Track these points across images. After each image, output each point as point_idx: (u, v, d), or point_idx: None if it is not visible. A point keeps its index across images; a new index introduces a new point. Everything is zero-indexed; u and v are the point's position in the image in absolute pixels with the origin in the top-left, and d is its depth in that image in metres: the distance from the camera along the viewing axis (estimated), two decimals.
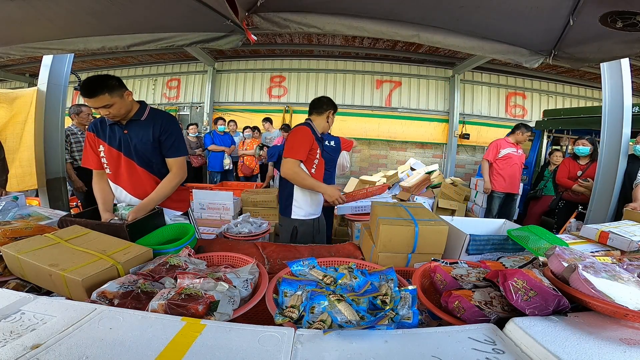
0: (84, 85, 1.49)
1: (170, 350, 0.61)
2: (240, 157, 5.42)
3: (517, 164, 3.78)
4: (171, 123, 1.72)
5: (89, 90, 1.47)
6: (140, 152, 1.67)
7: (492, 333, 0.70)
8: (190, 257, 1.12)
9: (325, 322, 0.74)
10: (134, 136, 1.65)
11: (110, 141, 1.65)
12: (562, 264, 0.84)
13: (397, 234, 1.28)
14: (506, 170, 3.78)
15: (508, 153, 3.77)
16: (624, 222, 1.61)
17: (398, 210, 1.48)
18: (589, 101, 7.32)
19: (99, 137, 1.67)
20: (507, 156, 3.77)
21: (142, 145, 1.66)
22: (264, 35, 6.16)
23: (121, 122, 1.64)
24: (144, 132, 1.65)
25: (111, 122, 1.64)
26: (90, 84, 1.48)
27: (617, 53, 1.66)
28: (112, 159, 1.67)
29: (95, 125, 1.68)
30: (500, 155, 3.80)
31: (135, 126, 1.66)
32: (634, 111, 2.69)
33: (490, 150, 3.88)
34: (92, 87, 1.47)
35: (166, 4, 1.65)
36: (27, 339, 0.62)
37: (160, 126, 1.67)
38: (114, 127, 1.65)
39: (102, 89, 1.48)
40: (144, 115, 1.67)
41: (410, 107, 7.27)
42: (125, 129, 1.64)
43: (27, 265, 0.96)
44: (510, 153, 3.77)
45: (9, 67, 7.88)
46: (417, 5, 1.67)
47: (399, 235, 1.28)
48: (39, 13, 1.62)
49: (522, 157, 3.84)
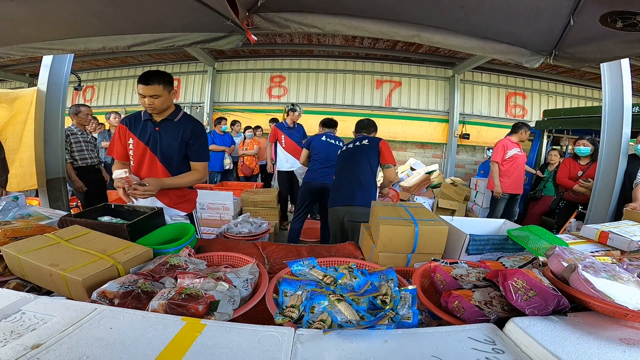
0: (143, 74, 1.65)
1: (171, 350, 0.62)
2: (240, 157, 5.42)
3: (521, 165, 3.76)
4: (201, 129, 1.83)
5: (145, 78, 1.62)
6: (165, 150, 1.76)
7: (492, 333, 0.70)
8: (190, 257, 1.12)
9: (325, 321, 0.74)
10: (164, 134, 1.76)
11: (140, 135, 1.76)
12: (562, 264, 0.84)
13: (397, 234, 1.28)
14: (512, 171, 3.73)
15: (514, 154, 3.72)
16: (624, 222, 1.61)
17: (398, 210, 1.48)
18: (589, 101, 7.32)
19: (131, 131, 1.77)
20: (514, 157, 3.72)
21: (169, 144, 1.76)
22: (264, 35, 6.16)
23: (155, 119, 1.76)
24: (174, 132, 1.76)
25: (146, 118, 1.76)
26: (149, 72, 1.64)
27: (617, 53, 1.66)
28: (138, 152, 1.77)
29: (130, 119, 1.80)
30: (507, 156, 3.73)
31: (167, 125, 1.77)
32: (634, 111, 2.69)
33: (498, 152, 3.77)
34: (149, 75, 1.63)
35: (166, 4, 1.65)
36: (28, 339, 0.62)
37: (190, 131, 1.77)
38: (148, 122, 1.76)
39: (157, 80, 1.63)
40: (177, 117, 1.79)
41: (410, 107, 7.27)
42: (158, 127, 1.75)
43: (27, 265, 0.96)
44: (516, 153, 3.72)
45: (9, 67, 7.88)
46: (417, 5, 1.67)
47: (399, 235, 1.28)
48: (39, 13, 1.62)
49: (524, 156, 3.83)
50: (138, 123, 1.78)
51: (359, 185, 2.33)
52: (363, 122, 2.77)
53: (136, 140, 1.76)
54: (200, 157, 1.82)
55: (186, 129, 1.76)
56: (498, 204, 3.86)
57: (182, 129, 1.76)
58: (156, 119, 1.76)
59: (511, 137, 3.82)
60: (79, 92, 7.14)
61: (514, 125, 3.84)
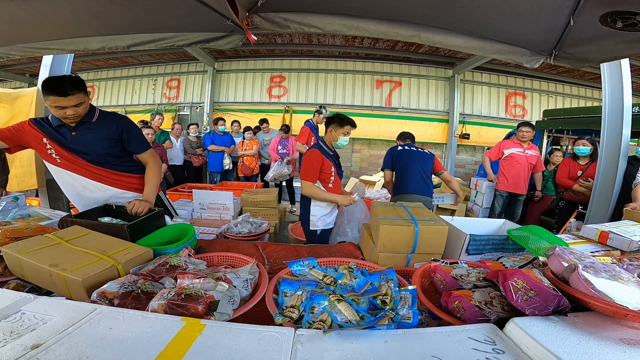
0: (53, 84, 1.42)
1: (170, 350, 0.62)
2: (240, 157, 5.43)
3: (522, 164, 3.75)
4: (126, 121, 1.74)
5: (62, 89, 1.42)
6: (92, 152, 1.65)
7: (492, 333, 0.70)
8: (190, 258, 1.12)
9: (325, 322, 0.74)
10: (84, 138, 1.62)
11: (60, 143, 1.61)
12: (562, 264, 0.84)
13: (397, 234, 1.28)
14: (509, 169, 3.78)
15: (512, 153, 3.77)
16: (624, 222, 1.61)
17: (398, 210, 1.48)
18: (589, 101, 7.33)
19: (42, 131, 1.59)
20: (510, 156, 3.78)
21: (94, 145, 1.64)
22: (264, 35, 6.16)
23: (69, 124, 1.59)
24: (96, 133, 1.64)
25: (58, 124, 1.58)
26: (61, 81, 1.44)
27: (617, 53, 1.66)
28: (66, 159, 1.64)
29: (40, 122, 1.60)
30: (504, 156, 3.83)
31: (85, 128, 1.62)
32: (634, 111, 2.68)
33: (494, 149, 3.99)
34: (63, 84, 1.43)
35: (166, 4, 1.65)
36: (27, 339, 0.62)
37: (116, 126, 1.67)
38: (62, 128, 1.60)
39: (77, 87, 1.47)
40: (94, 117, 1.65)
41: (410, 107, 7.27)
42: (74, 131, 1.60)
43: (27, 266, 0.96)
44: (514, 153, 3.77)
45: (9, 67, 7.89)
46: (417, 5, 1.67)
47: (399, 235, 1.28)
48: (39, 13, 1.62)
49: (531, 157, 3.76)
50: (49, 129, 1.59)
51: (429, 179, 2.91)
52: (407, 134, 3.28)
53: (57, 147, 1.60)
54: (143, 147, 1.77)
55: (110, 126, 1.66)
56: (495, 201, 3.94)
57: (106, 128, 1.66)
58: (70, 124, 1.59)
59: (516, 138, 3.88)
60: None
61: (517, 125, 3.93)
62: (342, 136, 2.19)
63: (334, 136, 2.20)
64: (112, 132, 1.67)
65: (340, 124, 2.18)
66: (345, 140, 2.22)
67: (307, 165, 2.14)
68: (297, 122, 7.01)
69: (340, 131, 2.18)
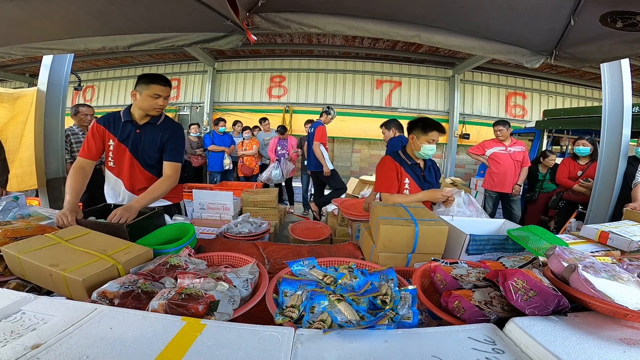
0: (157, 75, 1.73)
1: (171, 349, 0.62)
2: (240, 157, 5.43)
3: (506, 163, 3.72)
4: (179, 133, 1.86)
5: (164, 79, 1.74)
6: (145, 153, 1.79)
7: (492, 333, 0.70)
8: (190, 257, 1.12)
9: (325, 321, 0.74)
10: (145, 137, 1.78)
11: (120, 137, 1.76)
12: (562, 264, 0.84)
13: (397, 234, 1.28)
14: (494, 169, 3.80)
15: (494, 152, 3.80)
16: (624, 222, 1.61)
17: (398, 210, 1.48)
18: (589, 101, 7.33)
19: (110, 132, 1.76)
20: (493, 155, 3.81)
21: (149, 147, 1.79)
22: (264, 35, 6.16)
23: (137, 121, 1.77)
24: (155, 136, 1.79)
25: (127, 119, 1.76)
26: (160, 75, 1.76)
27: (617, 53, 1.66)
28: (118, 154, 1.78)
29: (108, 120, 1.77)
30: (487, 155, 3.87)
31: (148, 129, 1.79)
32: (634, 111, 2.69)
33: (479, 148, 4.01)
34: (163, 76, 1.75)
35: (166, 4, 1.65)
36: (28, 339, 0.62)
37: (169, 133, 1.81)
38: (128, 124, 1.76)
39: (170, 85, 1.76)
40: (159, 121, 1.81)
41: (410, 107, 7.27)
42: (139, 129, 1.77)
43: (27, 265, 0.96)
44: (496, 152, 3.79)
45: (9, 67, 7.89)
46: (417, 5, 1.67)
47: (399, 235, 1.28)
48: (39, 13, 1.62)
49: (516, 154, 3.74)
50: (117, 124, 1.76)
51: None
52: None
53: (116, 142, 1.75)
54: (173, 157, 1.81)
55: (165, 132, 1.80)
56: (485, 201, 3.94)
57: (162, 132, 1.79)
58: (138, 121, 1.76)
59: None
60: (79, 92, 7.14)
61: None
62: (427, 144, 1.88)
63: (416, 145, 1.90)
64: (165, 138, 1.80)
65: (424, 130, 1.87)
66: (430, 149, 1.89)
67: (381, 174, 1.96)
68: (298, 122, 7.02)
69: (424, 139, 1.88)
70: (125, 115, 1.76)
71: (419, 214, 1.42)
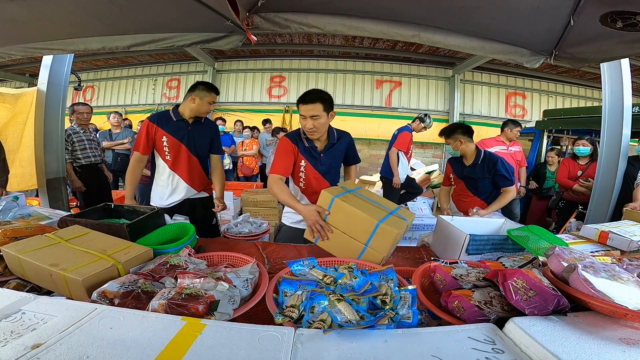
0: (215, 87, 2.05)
1: (171, 349, 0.62)
2: (240, 157, 5.42)
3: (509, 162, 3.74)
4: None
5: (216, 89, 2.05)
6: (198, 147, 2.07)
7: (491, 333, 0.70)
8: (190, 257, 1.12)
9: (325, 321, 0.74)
10: (196, 133, 2.06)
11: (174, 134, 1.98)
12: (561, 263, 0.84)
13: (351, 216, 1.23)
14: None
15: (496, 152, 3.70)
16: (624, 222, 1.61)
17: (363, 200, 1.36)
18: (589, 101, 7.32)
19: (163, 129, 1.96)
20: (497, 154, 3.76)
21: (201, 142, 2.09)
22: (264, 35, 6.16)
23: (188, 120, 2.02)
24: (204, 132, 2.09)
25: (179, 118, 2.00)
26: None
27: (617, 53, 1.66)
28: (173, 149, 1.99)
29: (159, 119, 1.99)
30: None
31: (197, 127, 2.06)
32: (634, 111, 2.68)
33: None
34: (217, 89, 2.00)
35: (166, 4, 1.65)
36: (28, 339, 0.62)
37: (214, 130, 2.18)
38: (180, 122, 2.00)
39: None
40: (203, 119, 2.10)
41: (410, 107, 7.26)
42: (190, 127, 2.02)
43: (27, 265, 0.96)
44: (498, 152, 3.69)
45: (9, 67, 7.88)
46: (417, 5, 1.67)
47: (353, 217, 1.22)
48: (39, 13, 1.63)
49: (516, 154, 3.75)
50: (169, 122, 1.99)
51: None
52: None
53: (171, 138, 1.97)
54: (218, 150, 2.22)
55: (211, 128, 2.15)
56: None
57: (209, 129, 2.13)
58: (188, 120, 2.02)
59: (498, 136, 3.83)
60: (79, 92, 7.14)
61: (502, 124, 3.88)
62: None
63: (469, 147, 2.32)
64: (212, 134, 2.15)
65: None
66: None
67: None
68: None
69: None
70: (177, 115, 2.00)
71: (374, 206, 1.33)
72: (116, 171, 4.45)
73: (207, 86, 2.00)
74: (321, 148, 1.79)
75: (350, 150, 1.91)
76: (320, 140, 1.78)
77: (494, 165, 2.29)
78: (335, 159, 1.84)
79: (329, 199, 1.26)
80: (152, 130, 1.96)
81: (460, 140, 2.33)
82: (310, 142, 1.76)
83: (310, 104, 1.60)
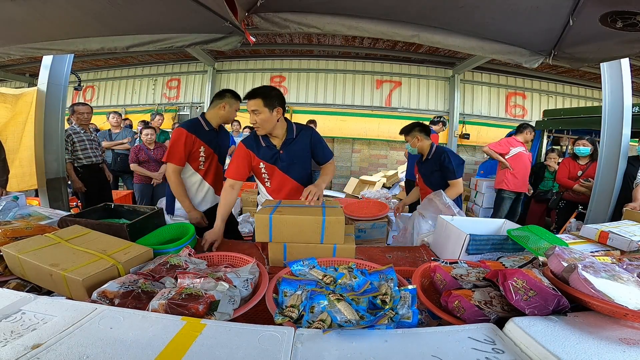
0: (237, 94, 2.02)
1: (171, 349, 0.62)
2: None
3: (527, 163, 3.76)
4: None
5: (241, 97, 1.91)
6: (223, 154, 2.10)
7: (491, 333, 0.70)
8: (190, 257, 1.12)
9: (325, 321, 0.74)
10: (221, 141, 2.06)
11: (210, 143, 1.98)
12: (561, 263, 0.84)
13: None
14: (518, 169, 3.71)
15: (519, 152, 3.73)
16: (624, 222, 1.61)
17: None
18: (589, 101, 7.32)
19: (200, 139, 1.93)
20: (519, 155, 3.72)
21: (225, 148, 2.12)
22: (263, 36, 6.15)
23: (216, 128, 2.01)
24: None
25: (210, 128, 1.97)
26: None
27: (617, 53, 1.66)
28: (208, 159, 2.00)
29: (196, 129, 1.92)
30: (511, 154, 3.73)
31: (222, 133, 2.08)
32: (634, 111, 2.68)
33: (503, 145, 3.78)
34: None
35: (165, 5, 1.65)
36: (28, 339, 0.62)
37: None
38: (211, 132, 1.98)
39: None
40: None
41: (410, 107, 7.26)
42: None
43: (27, 265, 0.96)
44: (521, 152, 3.73)
45: (9, 67, 7.88)
46: (417, 5, 1.67)
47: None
48: (39, 13, 1.63)
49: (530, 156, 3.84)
50: (203, 131, 1.95)
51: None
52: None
53: (207, 148, 1.97)
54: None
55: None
56: (504, 203, 3.83)
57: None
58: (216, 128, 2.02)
59: (516, 136, 3.83)
60: (79, 92, 7.14)
61: (520, 126, 3.87)
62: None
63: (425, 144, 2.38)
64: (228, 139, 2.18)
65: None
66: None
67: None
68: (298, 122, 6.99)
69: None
70: (208, 125, 1.97)
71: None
72: (116, 171, 4.45)
73: (233, 94, 2.00)
74: (279, 145, 1.77)
75: (317, 146, 1.84)
76: (277, 137, 1.77)
77: (440, 158, 2.31)
78: (297, 153, 1.79)
79: (266, 220, 1.28)
80: (191, 140, 1.89)
81: (417, 138, 2.40)
82: (266, 140, 1.75)
83: (251, 99, 1.62)
